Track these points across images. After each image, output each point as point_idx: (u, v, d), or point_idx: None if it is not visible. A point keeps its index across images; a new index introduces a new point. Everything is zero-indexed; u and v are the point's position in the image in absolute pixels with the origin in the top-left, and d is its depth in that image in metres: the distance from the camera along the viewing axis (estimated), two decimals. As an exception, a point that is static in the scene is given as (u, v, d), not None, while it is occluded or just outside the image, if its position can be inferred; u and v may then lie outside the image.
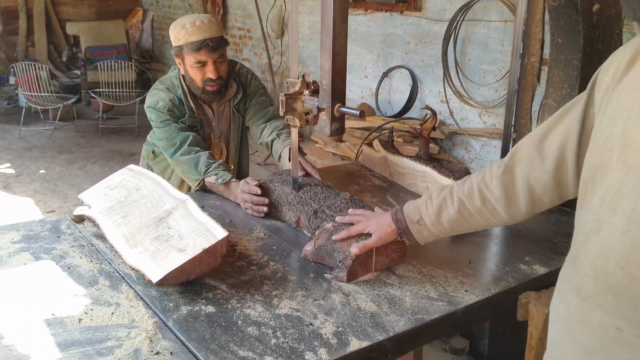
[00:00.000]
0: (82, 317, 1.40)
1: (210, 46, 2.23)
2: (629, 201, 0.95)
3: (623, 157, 0.97)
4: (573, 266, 1.08)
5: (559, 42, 2.27)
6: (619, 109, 1.01)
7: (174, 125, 2.30)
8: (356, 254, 1.58)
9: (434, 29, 4.99)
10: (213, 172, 2.17)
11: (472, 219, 1.45)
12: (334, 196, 1.94)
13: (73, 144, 6.92)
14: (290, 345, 1.32)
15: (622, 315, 0.97)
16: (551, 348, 1.17)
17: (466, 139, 4.85)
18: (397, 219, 1.57)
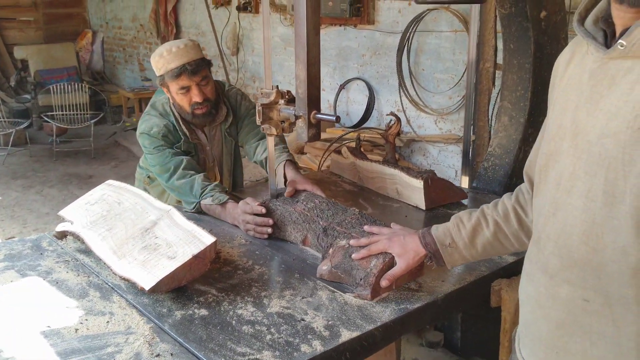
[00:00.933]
0: (78, 327, 1.42)
1: (189, 70, 2.20)
2: (584, 182, 1.05)
3: (574, 143, 1.07)
4: (537, 248, 1.17)
5: (511, 48, 2.43)
6: (566, 100, 1.12)
7: (167, 150, 2.26)
8: (386, 286, 1.55)
9: (388, 41, 5.15)
10: (209, 194, 2.15)
11: (506, 241, 1.45)
12: (341, 212, 1.89)
13: (28, 169, 6.77)
14: (286, 339, 1.38)
15: (587, 287, 1.06)
16: (524, 328, 1.25)
17: (424, 146, 5.01)
18: (426, 243, 1.54)
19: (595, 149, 1.03)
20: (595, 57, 1.07)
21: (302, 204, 1.98)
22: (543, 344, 1.17)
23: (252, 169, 6.41)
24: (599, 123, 1.02)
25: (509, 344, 1.78)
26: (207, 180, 2.21)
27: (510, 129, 2.45)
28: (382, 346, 1.48)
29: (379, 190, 2.46)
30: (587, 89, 1.07)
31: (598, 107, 1.03)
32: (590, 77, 1.07)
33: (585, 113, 1.06)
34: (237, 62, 7.07)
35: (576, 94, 1.09)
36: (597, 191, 1.02)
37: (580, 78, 1.10)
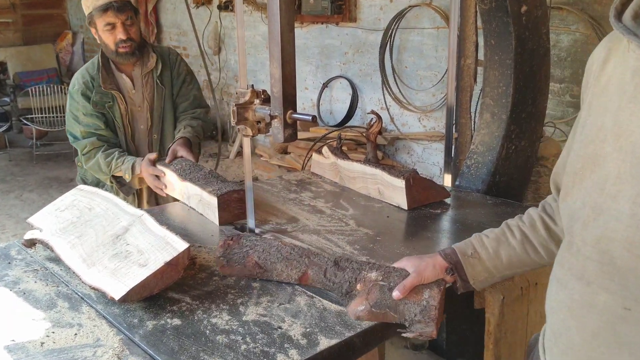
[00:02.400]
0: (44, 341, 1.36)
1: (115, 7, 2.42)
2: (632, 186, 0.98)
3: (617, 145, 1.01)
4: (570, 253, 1.11)
5: (492, 44, 2.39)
6: (606, 101, 1.06)
7: (78, 127, 2.55)
8: (398, 297, 1.42)
9: (370, 39, 5.11)
10: (117, 170, 2.49)
11: (534, 253, 1.40)
12: (197, 170, 2.22)
13: (7, 173, 6.66)
14: (261, 349, 1.33)
15: (629, 296, 1.00)
16: (553, 337, 1.18)
17: (408, 144, 4.98)
18: (446, 254, 1.46)
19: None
20: (637, 54, 1.00)
21: (173, 166, 2.33)
22: (576, 354, 1.10)
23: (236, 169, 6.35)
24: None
25: (494, 346, 1.74)
26: (109, 154, 2.52)
27: (492, 125, 2.42)
28: (362, 353, 1.44)
29: (360, 191, 2.41)
30: (630, 89, 1.01)
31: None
32: (633, 76, 1.01)
33: (629, 113, 1.00)
34: (219, 61, 7.00)
35: (618, 94, 1.03)
36: None
37: (622, 77, 1.04)
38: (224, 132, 7.03)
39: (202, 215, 2.16)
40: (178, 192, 2.33)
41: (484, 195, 2.40)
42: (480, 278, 1.45)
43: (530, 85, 2.40)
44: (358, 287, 1.48)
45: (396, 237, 1.98)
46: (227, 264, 1.64)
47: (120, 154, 2.53)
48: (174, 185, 2.34)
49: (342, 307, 1.51)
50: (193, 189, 2.18)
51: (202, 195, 2.12)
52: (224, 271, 1.66)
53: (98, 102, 2.54)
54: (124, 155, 2.54)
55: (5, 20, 9.49)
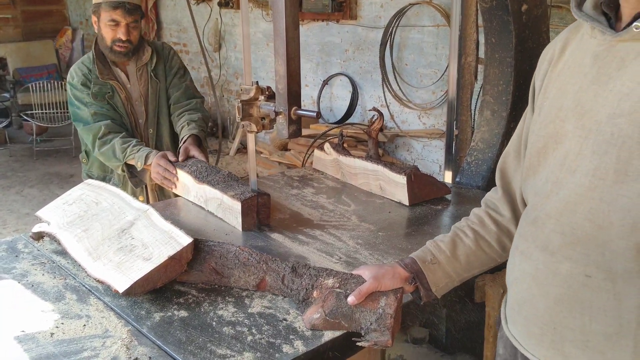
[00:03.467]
0: (54, 332, 1.38)
1: (127, 8, 2.43)
2: (591, 161, 1.06)
3: (580, 124, 1.09)
4: (535, 227, 1.17)
5: (493, 42, 2.41)
6: (566, 84, 1.14)
7: (87, 110, 2.50)
8: (353, 303, 1.37)
9: (370, 36, 5.13)
10: (130, 156, 2.43)
11: (489, 249, 1.42)
12: (214, 173, 2.13)
13: (7, 168, 6.66)
14: (267, 340, 1.36)
15: (590, 263, 1.07)
16: (517, 306, 1.24)
17: (408, 141, 5.01)
18: (405, 264, 1.42)
19: (606, 129, 1.04)
20: (600, 40, 1.09)
21: (188, 167, 2.22)
22: (540, 320, 1.17)
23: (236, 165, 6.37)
24: (609, 103, 1.04)
25: (494, 339, 1.77)
26: (126, 141, 2.46)
27: (492, 123, 2.45)
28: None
29: (362, 187, 2.44)
30: (591, 72, 1.09)
31: (607, 89, 1.05)
32: (595, 60, 1.09)
33: (593, 94, 1.08)
34: (219, 58, 7.01)
35: (578, 77, 1.12)
36: (607, 169, 1.03)
37: (582, 61, 1.12)
38: (224, 129, 7.05)
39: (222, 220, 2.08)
40: (193, 195, 2.23)
41: (484, 191, 2.43)
42: (441, 284, 1.42)
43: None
44: (314, 295, 1.44)
45: (398, 232, 2.01)
46: (185, 270, 1.56)
47: (137, 142, 2.49)
48: (189, 187, 2.25)
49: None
50: (212, 192, 2.09)
51: (222, 200, 2.03)
52: (182, 278, 1.58)
53: (97, 93, 2.52)
54: (141, 144, 2.49)
55: (5, 16, 9.49)
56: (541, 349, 1.18)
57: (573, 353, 1.12)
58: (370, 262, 1.76)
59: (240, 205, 1.94)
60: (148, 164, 2.39)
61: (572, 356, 1.12)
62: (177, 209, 2.23)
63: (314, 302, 1.44)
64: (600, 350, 1.09)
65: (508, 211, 1.40)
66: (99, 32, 2.52)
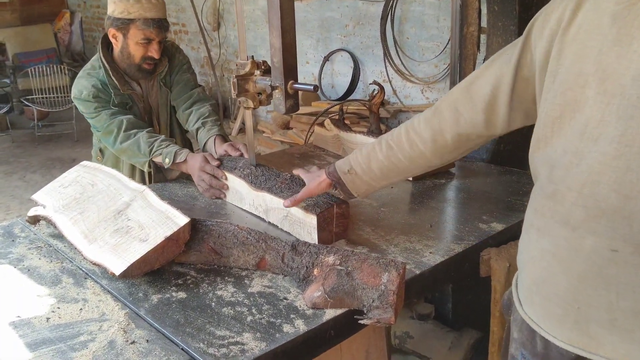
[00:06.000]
0: (50, 316, 1.36)
1: (164, 26, 2.24)
2: (616, 127, 0.99)
3: (602, 89, 1.02)
4: (554, 201, 1.11)
5: (495, 10, 2.34)
6: (584, 48, 1.06)
7: (104, 112, 2.24)
8: (288, 206, 1.63)
9: (371, 10, 5.04)
10: (157, 152, 2.17)
11: (400, 163, 1.49)
12: (274, 177, 1.84)
13: (9, 154, 6.65)
14: (267, 320, 1.33)
15: (617, 237, 1.01)
16: (534, 286, 1.18)
17: (411, 116, 4.94)
18: (329, 172, 1.61)
19: (631, 92, 0.98)
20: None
21: (239, 171, 1.95)
22: (561, 299, 1.11)
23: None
24: (634, 65, 0.98)
25: (500, 314, 1.74)
26: (153, 136, 2.22)
27: (496, 94, 2.38)
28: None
29: (364, 162, 2.39)
30: (611, 32, 1.02)
31: (631, 49, 0.99)
32: (614, 20, 1.02)
33: (615, 56, 1.01)
34: (218, 37, 6.92)
35: (597, 40, 1.04)
36: (635, 135, 0.97)
37: (599, 22, 1.05)
38: (226, 109, 6.99)
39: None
40: (249, 203, 1.92)
41: (488, 164, 2.38)
42: (362, 190, 1.59)
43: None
44: (315, 273, 1.42)
45: (400, 208, 1.97)
46: (183, 250, 1.54)
47: (165, 139, 2.23)
48: (243, 195, 1.93)
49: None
50: (275, 203, 1.77)
51: (290, 211, 1.72)
52: (180, 259, 1.56)
53: (119, 104, 2.29)
54: (170, 140, 2.25)
55: (3, 1, 9.39)
56: (564, 330, 1.11)
57: (599, 333, 1.06)
58: (374, 239, 1.72)
59: (315, 219, 1.62)
60: (178, 161, 2.14)
61: (598, 336, 1.06)
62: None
63: (314, 280, 1.41)
64: (629, 329, 1.03)
65: (428, 134, 1.42)
66: (123, 49, 2.25)
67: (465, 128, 1.37)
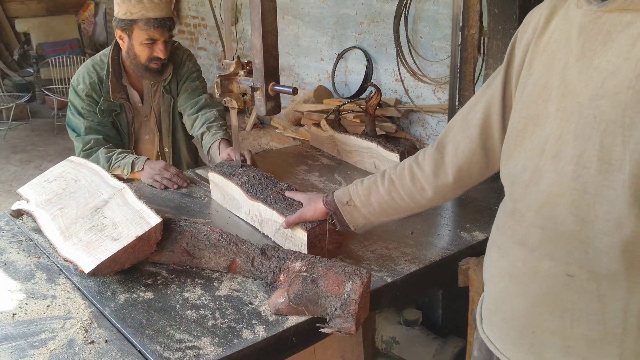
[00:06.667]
0: (16, 312, 1.37)
1: (167, 25, 2.20)
2: (573, 147, 0.94)
3: (562, 105, 0.97)
4: (513, 219, 1.07)
5: (496, 13, 2.29)
6: (552, 59, 1.01)
7: (83, 120, 2.31)
8: (285, 228, 1.58)
9: (385, 8, 4.98)
10: (115, 165, 2.22)
11: (400, 200, 1.40)
12: (271, 186, 1.77)
13: (28, 143, 6.76)
14: (229, 325, 1.32)
15: (573, 262, 0.97)
16: (493, 306, 1.15)
17: (422, 116, 4.88)
18: (327, 202, 1.51)
19: (588, 112, 0.93)
20: (586, 10, 0.96)
21: (237, 177, 1.87)
22: (517, 322, 1.08)
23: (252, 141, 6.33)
24: (593, 83, 0.92)
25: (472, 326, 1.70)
26: (111, 150, 2.27)
27: (494, 99, 2.34)
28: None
29: (357, 164, 2.37)
30: (577, 46, 0.96)
31: (592, 65, 0.93)
32: (580, 33, 0.96)
33: (577, 72, 0.95)
34: (235, 32, 6.93)
35: (564, 52, 0.99)
36: (591, 157, 0.92)
37: (568, 34, 0.99)
38: (241, 104, 6.98)
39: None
40: (245, 212, 1.86)
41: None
42: (359, 224, 1.49)
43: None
44: (281, 278, 1.40)
45: (386, 212, 1.94)
46: (156, 250, 1.54)
47: (122, 151, 2.29)
48: (239, 203, 1.87)
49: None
50: (268, 213, 1.71)
51: (282, 224, 1.64)
52: (153, 258, 1.56)
53: (105, 110, 2.32)
54: (127, 152, 2.30)
55: (29, -9, 9.54)
56: (519, 353, 1.08)
57: (553, 359, 1.03)
58: (351, 244, 1.70)
59: (306, 235, 1.55)
60: (136, 170, 2.19)
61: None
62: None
63: (280, 285, 1.40)
64: (583, 356, 1.00)
65: (430, 168, 1.34)
66: (129, 50, 2.26)
67: (464, 159, 1.28)
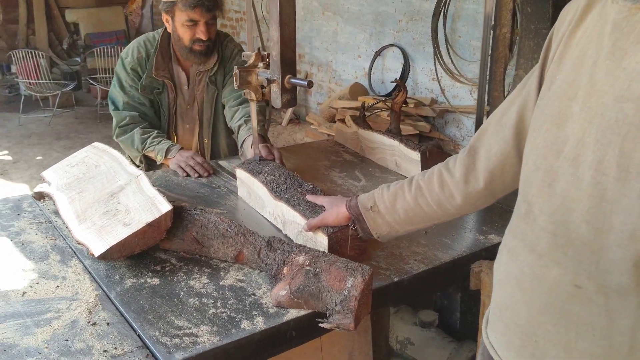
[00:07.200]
0: (27, 291, 1.41)
1: (206, 5, 2.19)
2: (594, 152, 0.90)
3: (587, 105, 0.92)
4: (526, 222, 1.02)
5: (528, 11, 2.23)
6: (582, 55, 0.96)
7: (123, 95, 2.34)
8: (307, 231, 1.52)
9: (425, 6, 4.92)
10: (150, 148, 2.27)
11: (427, 207, 1.33)
12: (296, 186, 1.73)
13: (71, 130, 6.96)
14: (229, 314, 1.32)
15: (582, 272, 0.93)
16: (498, 310, 1.12)
17: (458, 117, 4.81)
18: (349, 206, 1.45)
19: (610, 114, 0.88)
20: (621, 5, 0.91)
21: (263, 176, 1.83)
22: (520, 330, 1.04)
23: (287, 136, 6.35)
24: (619, 84, 0.88)
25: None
26: (147, 132, 2.31)
27: (523, 100, 2.28)
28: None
29: (379, 162, 2.35)
30: (608, 43, 0.91)
31: (621, 65, 0.88)
32: (613, 30, 0.91)
33: (604, 71, 0.90)
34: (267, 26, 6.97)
35: (595, 49, 0.93)
36: (611, 163, 0.87)
37: (602, 30, 0.93)
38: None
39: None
40: (269, 212, 1.82)
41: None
42: (383, 232, 1.42)
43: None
44: (284, 271, 1.40)
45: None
46: (167, 237, 1.55)
47: (158, 134, 2.31)
48: (264, 202, 1.83)
49: None
50: (291, 215, 1.65)
51: (304, 226, 1.58)
52: (164, 245, 1.57)
53: (147, 86, 2.34)
54: (163, 136, 2.32)
55: (80, -18, 9.81)
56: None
57: None
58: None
59: (327, 240, 1.49)
60: (169, 157, 2.21)
61: None
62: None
63: (282, 278, 1.39)
64: None
65: (461, 173, 1.27)
66: (173, 32, 2.29)
67: (497, 163, 1.21)
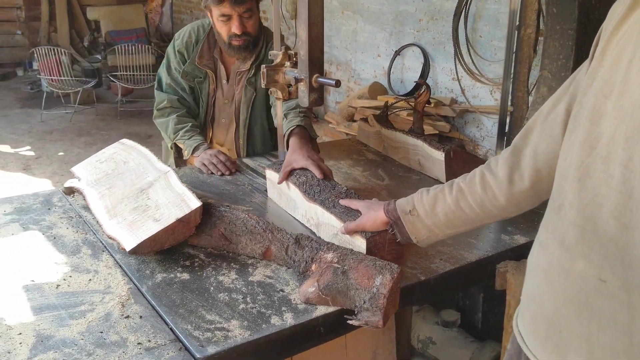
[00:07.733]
0: (60, 284, 1.44)
1: (239, 0, 2.13)
2: (624, 149, 0.91)
3: (619, 103, 0.93)
4: (557, 216, 1.03)
5: (554, 12, 2.22)
6: (622, 52, 0.95)
7: (168, 76, 2.39)
8: (343, 233, 1.50)
9: (446, 6, 4.91)
10: (181, 140, 2.33)
11: (469, 209, 1.31)
12: (329, 189, 1.70)
13: (92, 126, 7.04)
14: (259, 310, 1.34)
15: (607, 267, 0.94)
16: (526, 300, 1.13)
17: (478, 117, 4.79)
18: (387, 210, 1.43)
19: (639, 113, 0.89)
20: None
21: (295, 177, 1.81)
22: (546, 320, 1.06)
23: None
24: None
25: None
26: (182, 121, 2.35)
27: (547, 100, 2.27)
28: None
29: (402, 161, 2.36)
30: None
31: None
32: None
33: (637, 70, 0.91)
34: (295, 26, 6.98)
35: (633, 47, 0.93)
36: (639, 161, 0.88)
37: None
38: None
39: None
40: (301, 213, 1.80)
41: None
42: (422, 236, 1.39)
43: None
44: (313, 268, 1.41)
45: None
46: (195, 233, 1.58)
47: (192, 127, 2.34)
48: (296, 204, 1.82)
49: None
50: (326, 218, 1.63)
51: (340, 229, 1.56)
52: (192, 241, 1.60)
53: (189, 73, 2.36)
54: (195, 131, 2.33)
55: (101, -19, 9.91)
56: (544, 352, 1.06)
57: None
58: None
59: (365, 244, 1.47)
60: (194, 155, 2.23)
61: None
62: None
63: (311, 275, 1.41)
64: None
65: (504, 173, 1.25)
66: (214, 27, 2.29)
67: (544, 162, 1.19)
